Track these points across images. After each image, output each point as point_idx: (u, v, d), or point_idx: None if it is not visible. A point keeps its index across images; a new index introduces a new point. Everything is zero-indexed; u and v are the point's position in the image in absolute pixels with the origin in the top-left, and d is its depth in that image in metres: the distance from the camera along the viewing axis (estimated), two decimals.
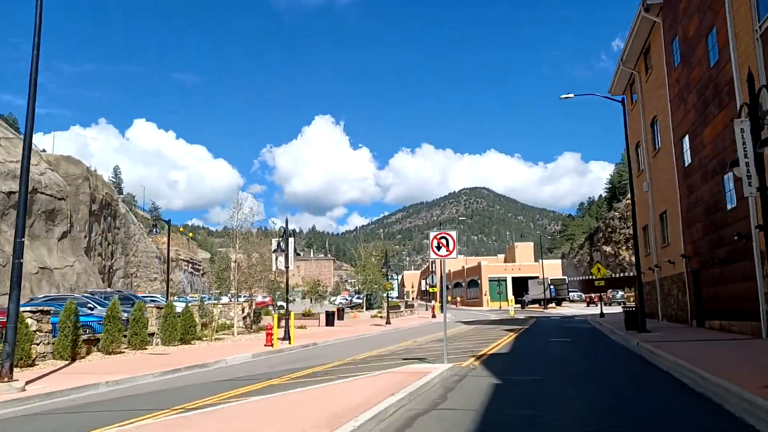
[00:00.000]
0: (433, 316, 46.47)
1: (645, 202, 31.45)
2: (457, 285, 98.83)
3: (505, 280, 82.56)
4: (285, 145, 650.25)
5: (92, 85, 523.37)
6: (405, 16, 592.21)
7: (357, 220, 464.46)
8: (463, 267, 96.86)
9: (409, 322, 38.56)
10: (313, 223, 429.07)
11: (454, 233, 12.79)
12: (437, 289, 49.81)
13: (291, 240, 22.17)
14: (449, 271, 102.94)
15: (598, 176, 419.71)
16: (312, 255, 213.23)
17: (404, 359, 14.42)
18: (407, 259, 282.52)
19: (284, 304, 62.06)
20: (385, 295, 37.81)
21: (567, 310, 58.47)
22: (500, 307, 66.97)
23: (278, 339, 21.71)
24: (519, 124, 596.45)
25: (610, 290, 65.05)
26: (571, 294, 74.11)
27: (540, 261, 76.39)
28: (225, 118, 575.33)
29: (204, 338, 23.67)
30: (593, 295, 64.64)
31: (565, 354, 15.90)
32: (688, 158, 23.78)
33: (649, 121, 30.59)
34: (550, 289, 66.02)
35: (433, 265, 50.74)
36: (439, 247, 12.73)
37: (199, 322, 26.41)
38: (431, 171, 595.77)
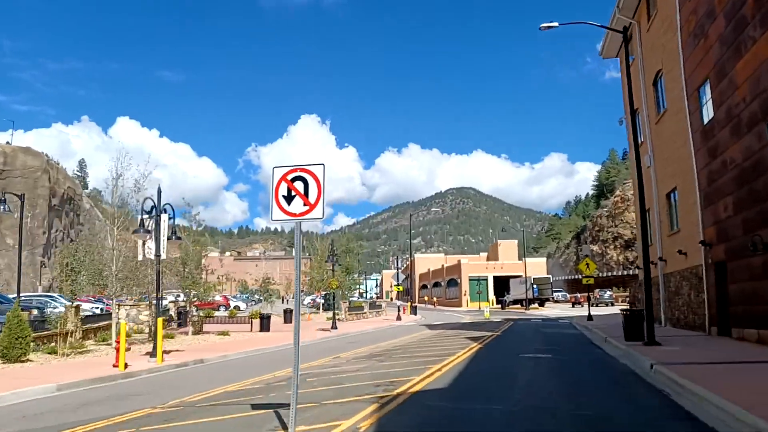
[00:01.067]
0: (398, 318, 40.40)
1: (646, 182, 25.45)
2: (437, 284, 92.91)
3: (486, 280, 76.99)
4: (270, 144, 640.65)
5: (76, 83, 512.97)
6: (392, 15, 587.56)
7: (343, 220, 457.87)
8: (442, 265, 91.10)
9: (364, 326, 32.45)
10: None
11: (319, 170, 6.54)
12: (401, 288, 43.61)
13: (164, 217, 15.87)
14: (428, 269, 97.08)
15: (584, 177, 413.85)
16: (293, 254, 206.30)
17: (252, 407, 8.24)
18: (392, 259, 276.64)
19: (240, 305, 55.68)
20: (332, 293, 31.58)
21: (550, 311, 52.75)
22: (479, 308, 61.20)
23: (146, 354, 15.66)
24: (506, 124, 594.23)
25: (597, 290, 60.11)
26: (555, 294, 69.22)
27: (523, 259, 70.70)
28: (209, 116, 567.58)
29: (57, 351, 17.39)
30: (579, 296, 59.34)
31: (538, 389, 9.80)
32: (709, 112, 17.91)
33: (651, 80, 24.80)
34: (533, 288, 60.28)
35: (398, 261, 45.06)
36: (290, 198, 6.52)
37: (79, 329, 20.27)
38: (418, 171, 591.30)
